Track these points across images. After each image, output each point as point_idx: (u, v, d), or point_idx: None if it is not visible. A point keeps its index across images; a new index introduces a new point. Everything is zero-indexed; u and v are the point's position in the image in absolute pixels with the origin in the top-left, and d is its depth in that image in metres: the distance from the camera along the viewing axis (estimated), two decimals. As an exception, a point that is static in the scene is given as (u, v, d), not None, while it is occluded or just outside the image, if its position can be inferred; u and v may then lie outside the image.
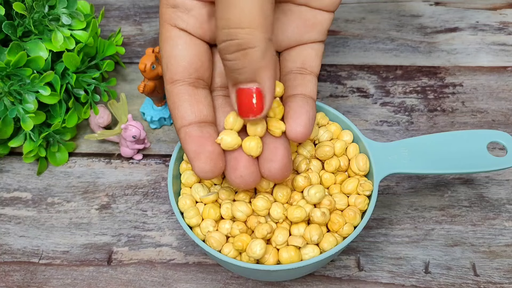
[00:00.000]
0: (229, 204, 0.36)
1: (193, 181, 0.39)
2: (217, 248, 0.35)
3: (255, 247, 0.34)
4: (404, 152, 0.39)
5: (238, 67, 0.30)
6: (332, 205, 0.36)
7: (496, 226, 0.44)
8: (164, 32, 0.35)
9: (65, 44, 0.45)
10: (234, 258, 0.35)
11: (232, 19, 0.28)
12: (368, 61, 0.56)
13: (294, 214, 0.35)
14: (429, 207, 0.45)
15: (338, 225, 0.36)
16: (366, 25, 0.59)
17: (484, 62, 0.55)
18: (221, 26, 0.29)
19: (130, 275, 0.42)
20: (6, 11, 0.44)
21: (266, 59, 0.30)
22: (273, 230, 0.35)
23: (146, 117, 0.50)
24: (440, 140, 0.40)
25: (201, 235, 0.36)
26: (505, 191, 0.46)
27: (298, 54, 0.37)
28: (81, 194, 0.46)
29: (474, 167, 0.39)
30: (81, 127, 0.51)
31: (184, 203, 0.38)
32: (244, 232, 0.35)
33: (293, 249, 0.34)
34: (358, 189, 0.38)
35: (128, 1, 0.62)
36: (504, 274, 0.41)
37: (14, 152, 0.49)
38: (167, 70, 0.35)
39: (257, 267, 0.34)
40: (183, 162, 0.40)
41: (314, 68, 0.37)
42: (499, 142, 0.40)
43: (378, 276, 0.41)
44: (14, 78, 0.43)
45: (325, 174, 0.39)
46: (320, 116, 0.41)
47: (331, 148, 0.38)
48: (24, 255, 0.43)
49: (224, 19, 0.29)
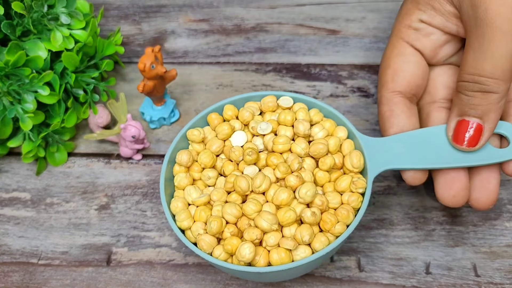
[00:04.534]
0: (220, 206, 0.36)
1: (185, 183, 0.39)
2: (208, 250, 0.35)
3: (244, 250, 0.33)
4: (401, 146, 0.38)
5: (474, 103, 0.35)
6: (325, 204, 0.36)
7: (497, 227, 0.43)
8: (398, 47, 0.41)
9: (64, 43, 0.45)
10: (225, 260, 0.35)
11: (486, 69, 0.34)
12: (368, 61, 0.56)
13: (284, 216, 0.34)
14: (430, 208, 0.45)
15: (330, 224, 0.35)
16: (367, 24, 0.59)
17: (485, 62, 0.55)
18: (471, 71, 0.35)
19: (130, 276, 0.42)
20: (5, 11, 0.44)
21: (500, 103, 0.35)
22: (262, 237, 0.35)
23: (146, 117, 0.50)
24: (438, 133, 0.38)
25: (192, 238, 0.36)
26: (506, 191, 0.45)
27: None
28: (80, 195, 0.46)
29: (476, 160, 0.37)
30: (80, 127, 0.51)
31: (176, 206, 0.37)
32: (235, 235, 0.35)
33: (283, 251, 0.34)
34: (351, 186, 0.37)
35: (127, 1, 0.62)
36: (505, 275, 0.41)
37: (13, 152, 0.49)
38: (391, 80, 0.40)
39: (247, 269, 0.34)
40: (176, 165, 0.40)
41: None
42: (501, 133, 0.38)
43: (379, 276, 0.41)
44: (13, 78, 0.43)
45: (319, 172, 0.38)
46: (314, 112, 0.41)
47: (325, 145, 0.38)
48: (23, 256, 0.43)
49: (477, 68, 0.34)
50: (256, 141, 0.40)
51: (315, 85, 0.54)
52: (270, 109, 0.41)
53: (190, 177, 0.39)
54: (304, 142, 0.38)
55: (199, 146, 0.40)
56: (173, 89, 0.54)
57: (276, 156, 0.38)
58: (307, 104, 0.42)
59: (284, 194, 0.35)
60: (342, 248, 0.43)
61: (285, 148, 0.38)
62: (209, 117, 0.42)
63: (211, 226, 0.34)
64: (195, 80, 0.54)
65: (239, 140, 0.40)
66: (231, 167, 0.38)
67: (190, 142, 0.41)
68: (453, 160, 0.38)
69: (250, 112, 0.41)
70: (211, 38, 0.58)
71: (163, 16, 0.61)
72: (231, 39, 0.58)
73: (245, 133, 0.40)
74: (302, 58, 0.56)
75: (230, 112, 0.42)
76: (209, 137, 0.41)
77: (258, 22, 0.60)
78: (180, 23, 0.60)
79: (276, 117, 0.41)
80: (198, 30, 0.59)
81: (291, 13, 0.60)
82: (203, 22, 0.60)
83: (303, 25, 0.59)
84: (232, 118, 0.42)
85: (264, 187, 0.36)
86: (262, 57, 0.56)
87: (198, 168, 0.39)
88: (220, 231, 0.35)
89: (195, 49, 0.57)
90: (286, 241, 0.34)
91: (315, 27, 0.59)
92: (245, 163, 0.38)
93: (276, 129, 0.40)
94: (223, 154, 0.40)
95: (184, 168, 0.39)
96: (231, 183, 0.37)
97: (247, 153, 0.37)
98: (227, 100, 0.42)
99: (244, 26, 0.59)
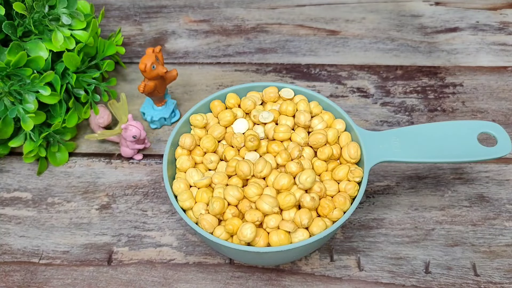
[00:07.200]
0: (221, 189, 0.37)
1: (188, 166, 0.40)
2: (209, 230, 0.36)
3: (246, 230, 0.35)
4: (396, 141, 0.40)
5: None
6: (323, 191, 0.37)
7: (496, 226, 0.44)
8: None
9: (65, 44, 0.45)
10: (226, 240, 0.36)
11: None
12: (368, 61, 0.56)
13: (284, 200, 0.36)
14: (429, 207, 0.45)
15: (328, 209, 0.36)
16: (367, 25, 0.59)
17: (484, 62, 0.55)
18: None
19: (130, 275, 0.42)
20: (6, 11, 0.44)
21: None
22: (263, 219, 0.36)
23: (146, 117, 0.50)
24: (431, 130, 0.41)
25: (193, 218, 0.37)
26: (505, 191, 0.46)
27: None
28: (81, 194, 0.46)
29: (464, 156, 0.39)
30: (81, 127, 0.51)
31: (178, 187, 0.38)
32: (236, 216, 0.36)
33: (283, 232, 0.35)
34: (348, 175, 0.38)
35: (128, 1, 0.62)
36: (504, 274, 0.41)
37: (14, 152, 0.49)
38: None
39: (247, 248, 0.35)
40: (178, 148, 0.41)
41: None
42: (489, 133, 0.41)
43: (379, 276, 0.41)
44: (14, 78, 0.43)
45: (317, 161, 0.39)
46: (314, 105, 0.42)
47: (324, 136, 0.39)
48: (24, 255, 0.43)
49: None
50: (257, 129, 0.41)
51: (315, 85, 0.54)
52: (271, 100, 0.43)
53: (192, 160, 0.40)
54: (304, 132, 0.40)
55: (201, 132, 0.41)
56: (174, 89, 0.54)
57: (277, 144, 0.39)
58: (307, 96, 0.43)
59: (285, 179, 0.36)
60: (342, 247, 0.43)
61: (285, 137, 0.40)
62: (212, 104, 0.43)
63: (214, 206, 0.36)
64: (195, 81, 0.54)
65: (241, 127, 0.41)
66: (232, 152, 0.40)
67: (192, 127, 0.42)
68: (444, 156, 0.40)
69: (252, 101, 0.42)
70: (212, 39, 0.58)
71: (164, 16, 0.61)
72: (231, 39, 0.58)
73: (247, 121, 0.41)
74: (302, 59, 0.56)
75: (233, 101, 0.43)
76: (212, 123, 0.42)
77: (259, 23, 0.60)
78: (180, 23, 0.60)
79: (277, 107, 0.42)
80: (199, 30, 0.59)
81: (291, 13, 0.61)
82: (204, 23, 0.60)
83: (303, 26, 0.59)
84: (234, 106, 0.43)
85: (265, 172, 0.37)
86: (262, 58, 0.56)
87: (200, 152, 0.40)
88: (222, 212, 0.36)
89: (196, 50, 0.57)
90: (286, 223, 0.35)
91: (315, 28, 0.59)
92: (247, 149, 0.39)
93: (277, 118, 0.41)
94: (224, 140, 0.41)
95: (186, 151, 0.41)
96: (233, 167, 0.38)
97: (249, 139, 0.39)
98: (230, 89, 0.44)
99: (244, 27, 0.59)
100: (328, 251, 0.43)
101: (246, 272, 0.42)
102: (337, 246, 0.43)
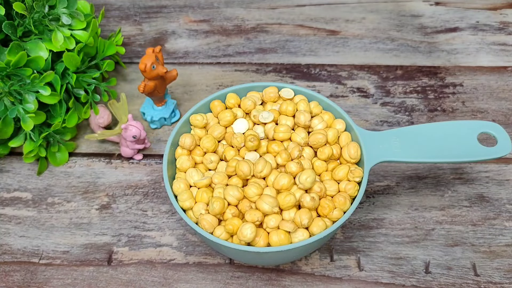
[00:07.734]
0: (221, 189, 0.37)
1: (188, 166, 0.40)
2: (209, 230, 0.36)
3: (246, 230, 0.35)
4: (396, 141, 0.40)
5: None
6: (323, 191, 0.37)
7: (496, 226, 0.44)
8: None
9: (65, 44, 0.45)
10: (226, 240, 0.36)
11: None
12: (368, 61, 0.56)
13: (284, 200, 0.36)
14: (429, 207, 0.45)
15: (328, 209, 0.36)
16: (367, 25, 0.59)
17: (484, 62, 0.55)
18: None
19: (131, 275, 0.42)
20: (6, 11, 0.44)
21: None
22: (263, 219, 0.36)
23: (147, 117, 0.50)
24: (431, 130, 0.41)
25: (193, 218, 0.37)
26: (505, 191, 0.46)
27: None
28: (81, 194, 0.46)
29: (464, 156, 0.39)
30: (81, 127, 0.51)
31: (178, 187, 0.38)
32: (236, 216, 0.36)
33: (283, 232, 0.35)
34: (348, 175, 0.38)
35: (128, 1, 0.62)
36: (504, 274, 0.41)
37: (14, 152, 0.49)
38: None
39: (247, 248, 0.35)
40: (178, 148, 0.41)
41: None
42: (489, 133, 0.41)
43: (379, 276, 0.41)
44: (14, 78, 0.43)
45: (317, 161, 0.39)
46: (314, 105, 0.42)
47: (324, 136, 0.39)
48: (24, 255, 0.43)
49: None
50: (257, 129, 0.41)
51: (315, 85, 0.54)
52: (271, 100, 0.43)
53: (192, 160, 0.40)
54: (304, 132, 0.40)
55: (201, 132, 0.42)
56: (174, 89, 0.54)
57: (277, 144, 0.39)
58: (307, 96, 0.43)
59: (285, 179, 0.36)
60: (342, 247, 0.43)
61: (285, 137, 0.40)
62: (212, 104, 0.43)
63: (214, 206, 0.36)
64: (195, 81, 0.54)
65: (241, 127, 0.41)
66: (232, 152, 0.40)
67: (192, 127, 0.42)
68: (444, 156, 0.40)
69: (252, 101, 0.42)
70: (212, 39, 0.58)
71: (164, 16, 0.61)
72: (231, 39, 0.58)
73: (247, 121, 0.42)
74: (302, 59, 0.56)
75: (233, 100, 0.43)
76: (211, 123, 0.42)
77: (259, 23, 0.60)
78: (180, 23, 0.60)
79: (277, 107, 0.42)
80: (199, 30, 0.59)
81: (291, 13, 0.61)
82: (204, 23, 0.60)
83: (303, 26, 0.59)
84: (234, 106, 0.43)
85: (265, 172, 0.37)
86: (262, 58, 0.56)
87: (200, 152, 0.40)
88: (222, 211, 0.36)
89: (196, 50, 0.57)
90: (286, 223, 0.35)
91: (315, 28, 0.59)
92: (247, 149, 0.39)
93: (277, 118, 0.41)
94: (224, 140, 0.41)
95: (186, 151, 0.41)
96: (233, 167, 0.38)
97: (249, 139, 0.39)
98: (230, 89, 0.44)
99: (244, 27, 0.59)
100: (328, 251, 0.43)
101: (246, 272, 0.42)
102: (337, 246, 0.43)
